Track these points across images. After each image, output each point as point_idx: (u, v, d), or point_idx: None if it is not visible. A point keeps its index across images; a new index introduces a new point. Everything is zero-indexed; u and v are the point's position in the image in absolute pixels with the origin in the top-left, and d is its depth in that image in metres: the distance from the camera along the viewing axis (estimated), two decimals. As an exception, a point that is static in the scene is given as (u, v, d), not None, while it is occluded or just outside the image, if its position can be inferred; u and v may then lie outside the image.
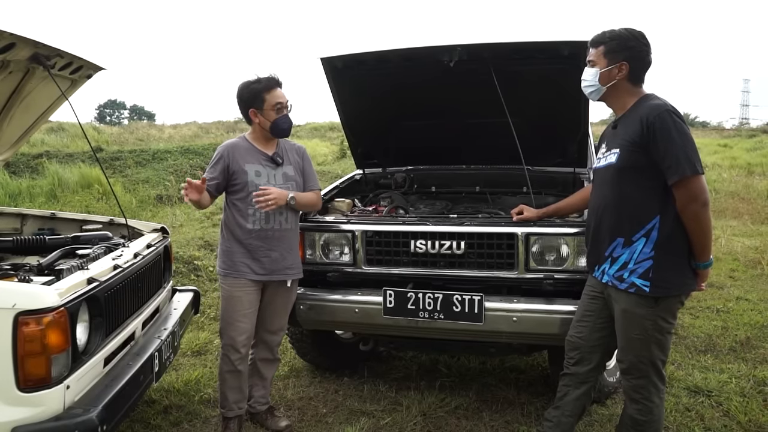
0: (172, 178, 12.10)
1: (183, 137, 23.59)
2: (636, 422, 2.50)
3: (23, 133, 3.32)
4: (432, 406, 3.40)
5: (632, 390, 2.51)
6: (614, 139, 2.47)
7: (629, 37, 2.41)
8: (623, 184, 2.40)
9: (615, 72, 2.42)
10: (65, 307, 2.08)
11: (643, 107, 2.37)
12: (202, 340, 4.43)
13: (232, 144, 3.02)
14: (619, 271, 2.43)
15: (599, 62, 2.46)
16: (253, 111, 2.97)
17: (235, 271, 2.97)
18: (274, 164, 3.03)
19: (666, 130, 2.26)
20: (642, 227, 2.36)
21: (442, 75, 3.46)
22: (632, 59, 2.40)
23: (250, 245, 2.96)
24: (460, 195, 4.10)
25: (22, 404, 1.99)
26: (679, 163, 2.24)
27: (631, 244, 2.39)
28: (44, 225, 3.49)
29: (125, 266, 2.64)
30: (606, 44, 2.44)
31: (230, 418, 3.10)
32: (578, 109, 3.46)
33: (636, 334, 2.42)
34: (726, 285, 5.91)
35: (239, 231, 2.98)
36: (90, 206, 9.15)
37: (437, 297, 3.00)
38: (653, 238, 2.35)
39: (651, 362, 2.44)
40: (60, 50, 2.73)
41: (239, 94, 2.99)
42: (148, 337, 2.86)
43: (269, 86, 2.94)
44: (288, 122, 3.01)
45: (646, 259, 2.36)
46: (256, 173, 2.96)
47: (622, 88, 2.45)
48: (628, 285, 2.40)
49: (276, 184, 2.99)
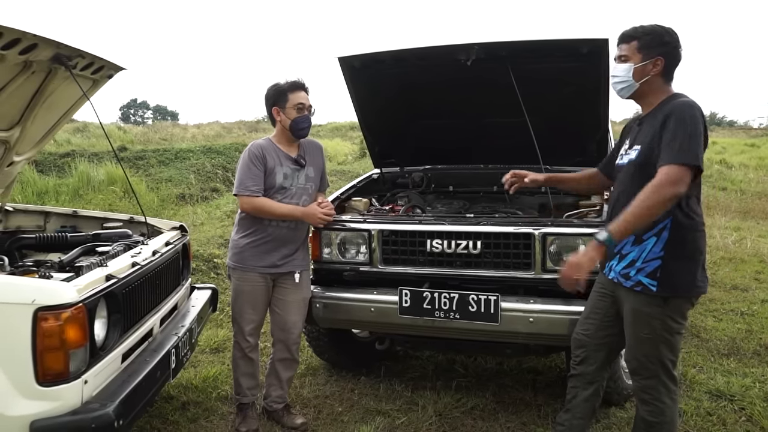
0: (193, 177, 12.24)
1: (206, 137, 23.85)
2: (648, 424, 2.45)
3: (46, 133, 3.38)
4: (448, 406, 3.39)
5: (642, 391, 2.47)
6: (638, 137, 2.44)
7: (663, 33, 2.37)
8: (640, 181, 2.34)
9: (650, 67, 2.37)
10: (83, 303, 2.12)
11: (670, 104, 2.34)
12: (221, 337, 4.46)
13: (262, 145, 3.09)
14: (626, 268, 2.40)
15: (633, 57, 2.39)
16: (276, 109, 3.06)
17: (244, 265, 3.08)
18: (298, 166, 3.11)
19: (680, 120, 2.23)
20: (654, 226, 2.32)
21: (459, 74, 3.45)
22: (667, 55, 2.37)
23: (263, 241, 3.07)
24: (477, 194, 4.08)
25: (41, 398, 2.03)
26: (681, 149, 2.19)
27: (641, 243, 2.36)
28: (66, 222, 3.55)
29: (143, 263, 2.67)
30: (640, 39, 2.38)
31: (245, 404, 3.19)
32: (597, 108, 3.42)
33: (645, 334, 2.39)
34: (751, 287, 5.79)
35: (255, 227, 3.07)
36: (113, 204, 9.29)
37: (453, 297, 2.99)
38: (664, 238, 2.31)
39: (660, 362, 2.40)
40: (81, 50, 2.77)
41: (266, 94, 3.12)
42: (165, 333, 2.89)
43: (294, 87, 3.06)
44: (307, 122, 3.08)
45: (655, 258, 2.33)
46: (284, 176, 3.07)
47: (654, 84, 2.40)
48: (635, 283, 2.37)
49: (298, 185, 3.10)
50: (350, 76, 3.68)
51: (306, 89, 3.09)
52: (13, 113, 2.98)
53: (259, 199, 2.99)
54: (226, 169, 13.41)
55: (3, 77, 2.61)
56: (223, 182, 12.59)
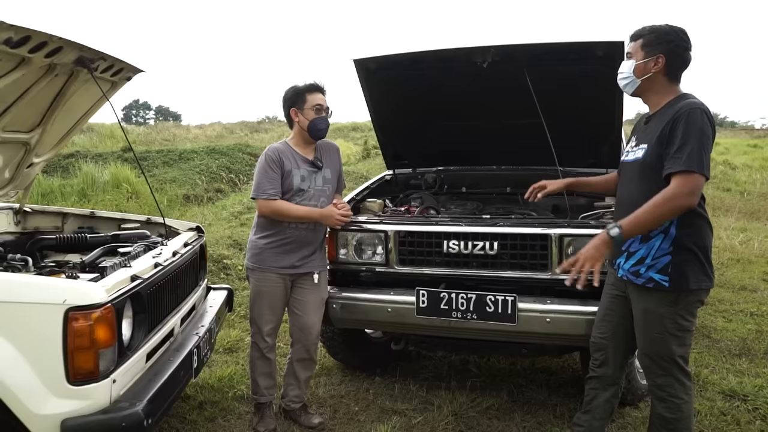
0: (198, 178, 12.27)
1: (208, 137, 23.86)
2: (666, 421, 2.48)
3: (64, 135, 3.41)
4: (463, 405, 3.41)
5: (657, 389, 2.50)
6: (644, 135, 2.47)
7: (668, 31, 2.40)
8: (647, 179, 2.39)
9: (651, 65, 2.40)
10: (112, 304, 2.14)
11: (677, 105, 2.35)
12: (234, 337, 4.49)
13: (278, 149, 3.11)
14: (636, 266, 2.43)
15: (636, 54, 2.45)
16: (294, 110, 3.09)
17: (263, 266, 3.10)
18: (315, 168, 3.14)
19: (690, 125, 2.25)
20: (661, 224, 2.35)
21: (474, 76, 3.47)
22: (669, 53, 2.39)
23: (283, 242, 3.09)
24: (490, 196, 4.10)
25: (72, 397, 2.06)
26: (691, 156, 2.21)
27: (649, 240, 2.39)
28: (84, 224, 3.58)
29: (165, 264, 2.70)
30: (644, 37, 2.43)
31: (263, 404, 3.21)
32: (612, 110, 3.44)
33: (656, 333, 2.42)
34: (759, 288, 5.81)
35: (275, 229, 3.10)
36: (120, 205, 9.32)
37: (470, 297, 3.01)
38: (672, 235, 2.35)
39: (672, 359, 2.43)
40: (103, 53, 2.80)
41: (284, 96, 3.15)
42: (186, 333, 2.92)
43: (312, 89, 3.10)
44: (325, 123, 3.12)
45: (665, 254, 2.36)
46: (301, 178, 3.09)
47: (657, 82, 2.43)
48: (646, 280, 2.40)
49: (315, 187, 3.12)
50: (365, 78, 3.70)
51: (324, 91, 3.13)
52: (34, 115, 3.02)
53: (276, 202, 3.01)
54: (230, 170, 13.44)
55: (28, 80, 2.64)
56: (228, 183, 12.62)
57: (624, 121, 3.68)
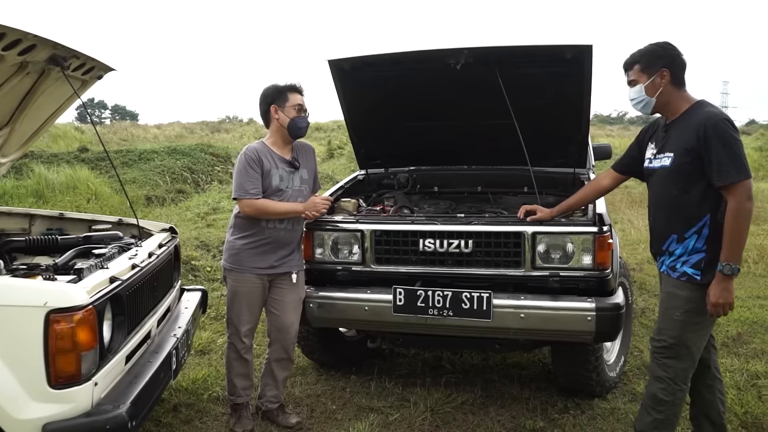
0: (159, 179, 12.04)
1: (168, 137, 23.42)
2: (658, 401, 2.60)
3: (32, 135, 3.33)
4: (439, 401, 3.47)
5: (660, 368, 2.61)
6: (668, 143, 2.62)
7: (657, 48, 2.62)
8: (677, 185, 2.57)
9: (659, 80, 2.59)
10: (93, 305, 2.12)
11: (698, 114, 2.52)
12: (205, 339, 4.45)
13: (257, 149, 3.11)
14: (674, 262, 2.61)
15: (641, 78, 2.63)
16: (274, 107, 3.10)
17: (241, 266, 3.09)
18: (293, 168, 3.15)
19: (720, 137, 2.43)
20: (694, 225, 2.54)
21: (447, 78, 3.52)
22: (669, 65, 2.58)
23: (261, 242, 3.09)
24: (462, 195, 4.17)
25: (53, 401, 2.03)
26: (731, 167, 2.40)
27: (684, 240, 2.57)
28: (52, 225, 3.49)
29: (142, 265, 2.67)
30: (640, 61, 2.63)
31: (240, 405, 3.21)
32: (580, 111, 3.55)
33: (677, 316, 2.56)
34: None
35: (253, 229, 3.09)
36: (81, 207, 9.08)
37: (446, 294, 3.07)
38: (704, 234, 2.52)
39: (685, 345, 2.56)
40: (76, 51, 2.75)
41: (264, 92, 3.14)
42: (162, 335, 2.89)
43: (293, 89, 3.12)
44: (305, 123, 3.15)
45: (699, 251, 2.53)
46: (280, 178, 3.10)
47: (669, 93, 2.61)
48: (680, 274, 2.57)
49: (293, 187, 3.14)
50: (339, 79, 3.72)
51: (303, 93, 3.16)
52: (3, 114, 2.94)
53: (259, 200, 3.01)
54: (192, 171, 13.24)
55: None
56: (191, 184, 12.43)
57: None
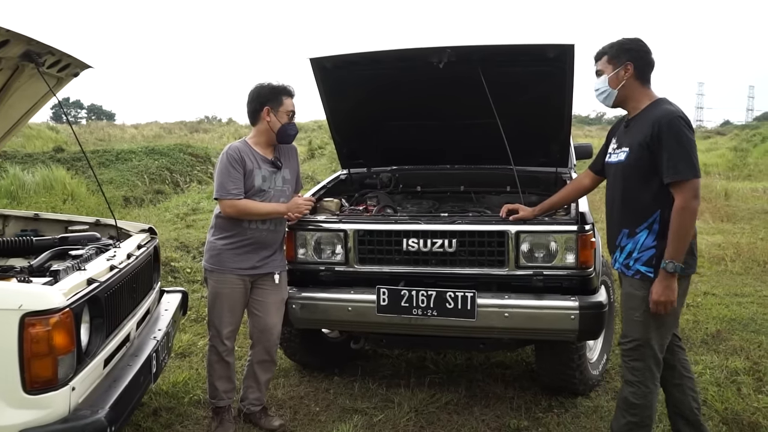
0: (137, 179, 11.87)
1: (145, 137, 23.16)
2: (630, 404, 2.61)
3: (6, 133, 3.25)
4: (423, 402, 3.45)
5: (630, 372, 2.63)
6: (625, 138, 2.64)
7: (627, 42, 2.62)
8: (631, 180, 2.58)
9: (622, 73, 2.60)
10: (70, 308, 2.06)
11: (656, 110, 2.53)
12: (185, 342, 4.38)
13: (239, 148, 3.04)
14: (626, 259, 2.61)
15: (606, 69, 2.65)
16: (268, 109, 3.03)
17: (223, 267, 3.04)
18: (275, 168, 3.11)
19: (673, 134, 2.43)
20: (645, 220, 2.55)
21: (430, 76, 3.51)
22: (635, 59, 2.59)
23: (243, 243, 3.04)
24: (444, 194, 4.16)
25: (29, 407, 1.97)
26: (681, 165, 2.41)
27: (635, 235, 2.57)
28: (27, 226, 3.41)
29: (121, 267, 2.61)
30: (608, 52, 2.65)
31: (222, 408, 3.15)
32: (562, 110, 3.55)
33: (637, 317, 2.56)
34: (693, 281, 6.08)
35: (235, 230, 3.04)
36: (56, 208, 8.91)
37: (430, 294, 3.05)
38: (655, 230, 2.53)
39: (649, 345, 2.57)
40: (51, 47, 2.68)
41: (258, 91, 3.06)
42: (142, 338, 2.83)
43: (289, 93, 3.07)
44: (295, 130, 3.13)
45: (649, 248, 2.54)
46: (262, 178, 3.05)
47: (631, 87, 2.62)
48: (634, 272, 2.58)
49: (276, 187, 3.09)
50: (321, 77, 3.68)
51: (294, 96, 3.12)
52: (-26, 112, 2.85)
53: (241, 201, 2.96)
54: (171, 171, 13.08)
55: (-30, 75, 2.50)
56: (169, 184, 12.27)
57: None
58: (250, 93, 3.09)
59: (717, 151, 20.61)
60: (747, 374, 3.80)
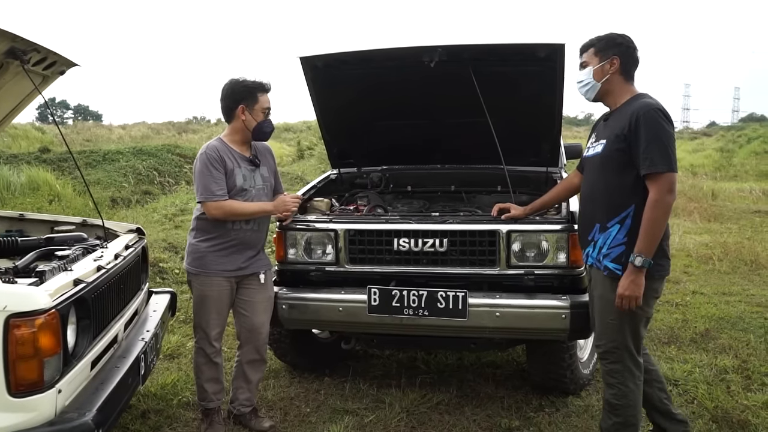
0: (124, 180, 11.77)
1: (133, 138, 22.96)
2: (612, 406, 2.61)
3: (-10, 131, 3.19)
4: (414, 402, 3.43)
5: (608, 375, 2.62)
6: (603, 131, 2.62)
7: (616, 36, 2.61)
8: (605, 173, 2.55)
9: (608, 67, 2.58)
10: (56, 309, 2.02)
11: (635, 104, 2.51)
12: (174, 343, 4.34)
13: (218, 147, 2.97)
14: (598, 254, 2.58)
15: (592, 61, 2.62)
16: (243, 107, 2.96)
17: (207, 270, 2.99)
18: (254, 166, 3.06)
19: (651, 126, 2.40)
20: (617, 215, 2.50)
21: (421, 75, 3.50)
22: (622, 54, 2.58)
23: (227, 244, 2.99)
24: (435, 194, 4.15)
25: (14, 410, 1.93)
26: (657, 157, 2.37)
27: (607, 230, 2.53)
28: (12, 226, 3.36)
29: (108, 267, 2.57)
30: (596, 45, 2.62)
31: (211, 410, 3.12)
32: (553, 110, 3.55)
33: (611, 319, 2.54)
34: (682, 280, 6.18)
35: (218, 231, 2.99)
36: (42, 209, 8.78)
37: (422, 294, 3.04)
38: (627, 225, 2.48)
39: (626, 347, 2.55)
40: (37, 45, 2.64)
41: (231, 88, 2.97)
42: (130, 339, 2.79)
43: (265, 89, 2.99)
44: (271, 127, 3.06)
45: (619, 244, 2.50)
46: (243, 177, 2.99)
47: (615, 82, 2.60)
48: (603, 268, 2.54)
49: (256, 186, 3.04)
50: (311, 76, 3.66)
51: (270, 90, 3.04)
52: (-42, 110, 2.80)
53: (227, 202, 2.91)
54: (159, 172, 12.98)
55: (-47, 72, 2.45)
56: (157, 185, 12.17)
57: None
58: (223, 89, 3.00)
59: (703, 152, 20.80)
60: (736, 372, 3.82)
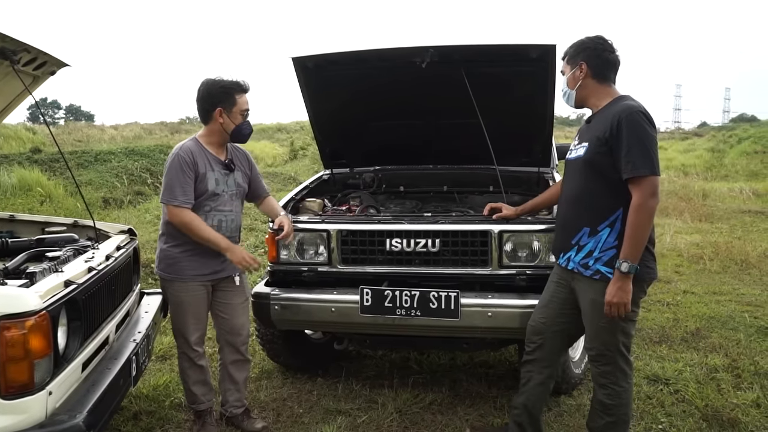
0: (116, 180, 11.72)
1: (125, 138, 22.85)
2: (605, 406, 2.62)
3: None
4: (407, 402, 3.44)
5: (600, 376, 2.63)
6: (586, 134, 2.62)
7: (585, 41, 2.62)
8: (590, 176, 2.55)
9: (578, 73, 2.61)
10: (47, 311, 2.01)
11: (616, 106, 2.51)
12: (166, 344, 4.32)
13: (192, 149, 2.89)
14: (585, 258, 2.56)
15: (566, 70, 2.67)
16: (220, 110, 2.88)
17: (182, 275, 2.95)
18: (228, 170, 3.00)
19: (632, 129, 2.39)
20: (606, 218, 2.50)
21: (413, 76, 3.51)
22: (588, 57, 2.58)
23: (200, 249, 2.91)
24: (427, 194, 4.16)
25: (4, 412, 1.91)
26: (639, 161, 2.37)
27: (597, 234, 2.52)
28: (2, 228, 3.33)
29: (100, 268, 2.56)
30: (567, 54, 2.66)
31: (203, 411, 3.11)
32: (544, 110, 3.57)
33: (603, 323, 2.53)
34: (673, 279, 6.22)
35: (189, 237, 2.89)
36: (33, 210, 8.74)
37: (414, 294, 3.05)
38: (617, 228, 2.48)
39: (617, 349, 2.56)
40: (27, 45, 2.62)
41: (207, 89, 2.89)
42: (121, 341, 2.78)
43: (242, 90, 2.92)
44: (250, 129, 3.01)
45: (611, 248, 2.49)
46: (216, 182, 2.93)
47: (589, 87, 2.61)
48: (593, 272, 2.53)
49: (228, 191, 2.98)
50: (303, 77, 3.66)
51: (248, 90, 2.96)
52: (-53, 111, 2.79)
53: (187, 214, 2.81)
54: (151, 172, 12.93)
55: (-58, 72, 2.44)
56: (150, 185, 12.13)
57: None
58: (199, 90, 2.90)
59: (695, 152, 20.92)
60: (726, 371, 3.85)
